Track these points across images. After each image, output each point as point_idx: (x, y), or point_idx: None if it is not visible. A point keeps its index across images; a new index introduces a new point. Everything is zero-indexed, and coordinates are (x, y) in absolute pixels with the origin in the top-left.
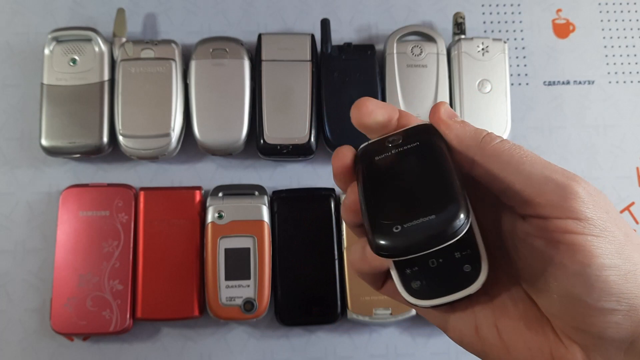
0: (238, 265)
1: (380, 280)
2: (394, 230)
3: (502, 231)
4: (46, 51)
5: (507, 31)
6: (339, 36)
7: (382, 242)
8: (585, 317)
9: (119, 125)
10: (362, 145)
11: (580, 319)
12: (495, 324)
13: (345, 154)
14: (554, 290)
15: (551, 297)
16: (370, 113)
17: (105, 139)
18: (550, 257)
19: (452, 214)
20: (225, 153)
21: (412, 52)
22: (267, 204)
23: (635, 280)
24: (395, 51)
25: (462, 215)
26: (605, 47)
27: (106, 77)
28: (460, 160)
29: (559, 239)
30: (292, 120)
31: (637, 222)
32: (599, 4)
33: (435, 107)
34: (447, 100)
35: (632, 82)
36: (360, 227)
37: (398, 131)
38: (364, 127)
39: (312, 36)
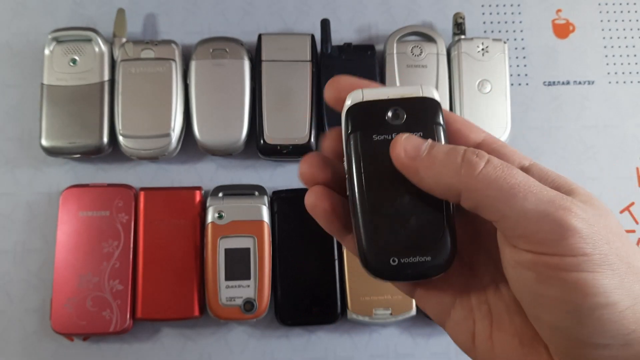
0: (238, 265)
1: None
2: (392, 262)
3: (497, 249)
4: (46, 51)
5: (507, 31)
6: (339, 36)
7: (380, 269)
8: (577, 348)
9: (119, 126)
10: (354, 102)
11: (572, 350)
12: (490, 336)
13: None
14: (545, 320)
15: (542, 325)
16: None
17: (105, 139)
18: (541, 291)
19: (445, 256)
20: (225, 153)
21: (412, 52)
22: (267, 204)
23: (633, 316)
24: (395, 51)
25: (452, 256)
26: (605, 47)
27: (106, 77)
28: (446, 196)
29: (552, 276)
30: (292, 121)
31: (637, 222)
32: (599, 4)
33: (394, 145)
34: (447, 101)
35: (632, 82)
36: (339, 230)
37: (400, 98)
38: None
39: (312, 36)
